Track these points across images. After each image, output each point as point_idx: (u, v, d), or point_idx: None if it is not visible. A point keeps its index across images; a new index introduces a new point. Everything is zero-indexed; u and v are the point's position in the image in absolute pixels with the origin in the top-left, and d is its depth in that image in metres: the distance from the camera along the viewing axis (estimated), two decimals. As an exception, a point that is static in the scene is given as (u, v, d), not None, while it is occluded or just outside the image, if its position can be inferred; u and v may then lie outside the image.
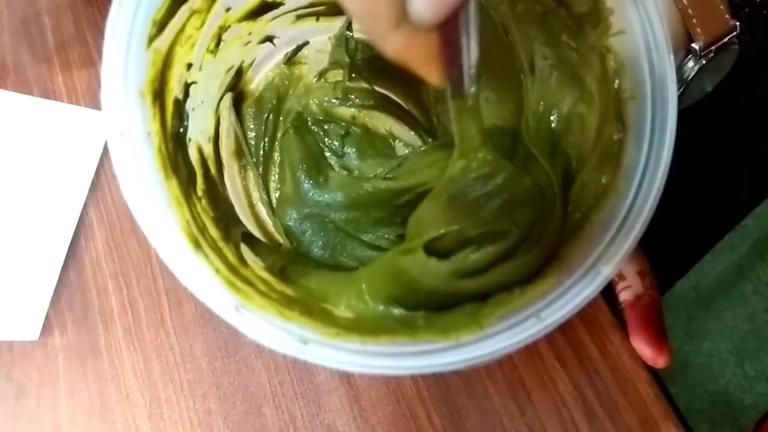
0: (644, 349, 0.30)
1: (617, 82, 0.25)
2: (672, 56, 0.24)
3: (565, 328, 0.32)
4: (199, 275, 0.22)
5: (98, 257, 0.41)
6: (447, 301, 0.24)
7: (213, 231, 0.25)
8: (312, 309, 0.24)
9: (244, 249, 0.27)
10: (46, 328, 0.40)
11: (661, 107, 0.23)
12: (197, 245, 0.23)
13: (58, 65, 0.48)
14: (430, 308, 0.24)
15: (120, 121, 0.23)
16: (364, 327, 0.23)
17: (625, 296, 0.31)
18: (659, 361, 0.30)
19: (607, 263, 0.21)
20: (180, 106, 0.27)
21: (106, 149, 0.44)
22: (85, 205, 0.42)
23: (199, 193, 0.27)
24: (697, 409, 1.03)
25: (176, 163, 0.25)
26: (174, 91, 0.26)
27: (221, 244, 0.25)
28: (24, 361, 0.39)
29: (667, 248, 0.58)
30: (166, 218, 0.23)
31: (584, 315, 0.32)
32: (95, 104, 0.45)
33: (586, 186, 0.25)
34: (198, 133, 0.29)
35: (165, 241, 0.22)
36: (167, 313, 0.38)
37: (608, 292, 0.33)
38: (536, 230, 0.24)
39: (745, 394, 1.06)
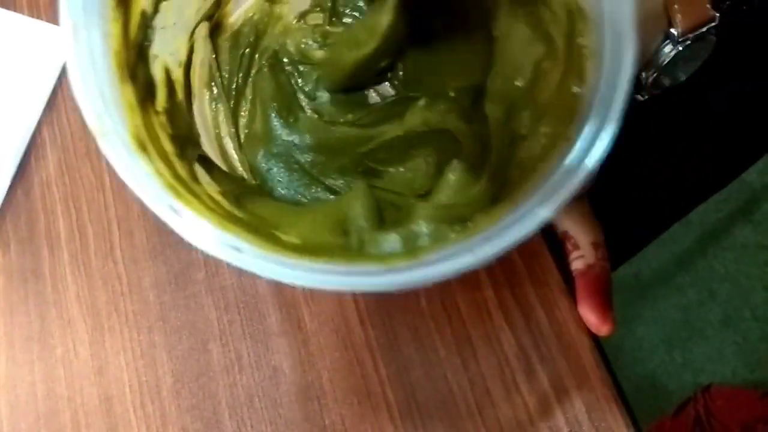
0: (590, 316, 0.31)
1: (582, 38, 0.24)
2: (635, 15, 0.23)
3: (515, 290, 0.33)
4: (139, 177, 0.21)
5: (48, 179, 0.39)
6: None
7: (167, 145, 0.25)
8: (259, 231, 0.24)
9: (200, 171, 0.27)
10: (-12, 246, 0.38)
11: (617, 66, 0.23)
12: (142, 147, 0.22)
13: (19, -24, 0.46)
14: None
15: (77, 12, 0.22)
16: (306, 250, 0.23)
17: (577, 265, 0.32)
18: (603, 329, 0.31)
19: (544, 206, 0.21)
20: (147, 19, 0.26)
21: (65, 68, 0.42)
22: (39, 124, 0.41)
23: (159, 108, 0.26)
24: (623, 391, 1.07)
25: (134, 72, 0.24)
26: (142, 2, 0.26)
27: (173, 158, 0.25)
28: (-39, 279, 0.38)
29: (614, 234, 0.60)
30: (115, 119, 0.22)
31: (535, 279, 0.33)
32: (57, 19, 0.43)
33: (537, 138, 0.25)
34: (167, 54, 0.28)
35: (110, 139, 0.21)
36: (117, 242, 0.37)
37: (561, 260, 0.33)
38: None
39: (670, 380, 1.10)
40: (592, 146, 0.21)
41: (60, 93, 0.41)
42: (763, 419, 0.89)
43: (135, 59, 0.25)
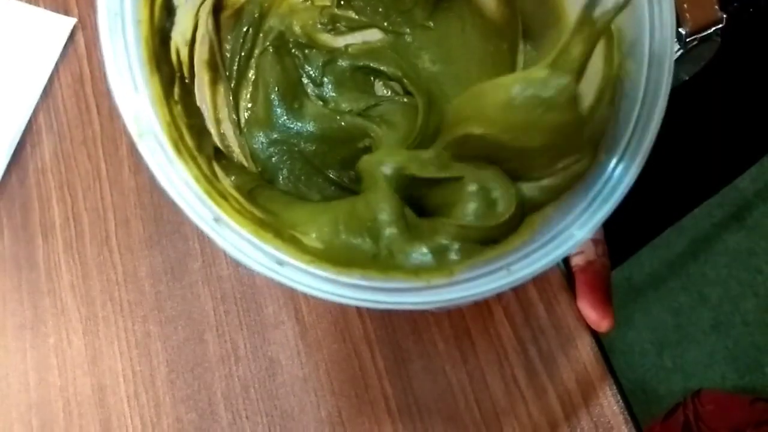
0: (590, 312, 0.31)
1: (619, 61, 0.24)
2: (674, 35, 0.24)
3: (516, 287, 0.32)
4: (178, 182, 0.21)
5: (44, 166, 0.39)
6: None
7: (188, 139, 0.24)
8: (282, 234, 0.23)
9: (216, 167, 0.26)
10: (-19, 233, 0.38)
11: (654, 85, 0.23)
12: (178, 149, 0.22)
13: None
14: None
15: (116, 2, 0.22)
16: (335, 258, 0.23)
17: (577, 261, 0.32)
18: (603, 325, 0.31)
19: (581, 228, 0.22)
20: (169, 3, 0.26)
21: (62, 55, 0.41)
22: (35, 111, 0.40)
23: (176, 97, 0.26)
24: (621, 386, 1.07)
25: (160, 60, 0.24)
26: None
27: (195, 153, 0.24)
28: (-47, 266, 0.37)
29: (608, 238, 0.60)
30: (150, 118, 0.22)
31: (536, 277, 0.32)
32: (56, 6, 0.43)
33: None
34: (178, 34, 0.27)
35: (148, 140, 0.21)
36: (113, 231, 0.37)
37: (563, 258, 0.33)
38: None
39: (660, 384, 1.11)
40: (629, 169, 0.22)
41: (57, 80, 0.41)
42: (753, 424, 0.89)
43: (160, 46, 0.24)
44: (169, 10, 0.26)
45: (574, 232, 0.22)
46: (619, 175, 0.22)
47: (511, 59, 0.30)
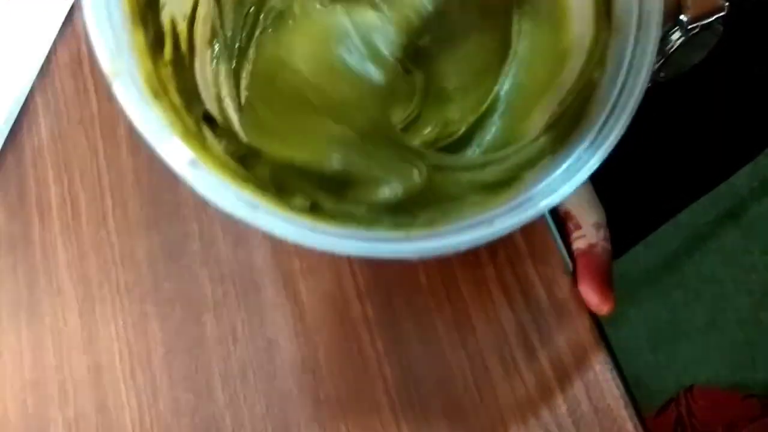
0: (591, 295, 0.31)
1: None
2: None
3: (516, 268, 0.32)
4: (155, 125, 0.21)
5: (40, 146, 0.38)
6: None
7: (174, 97, 0.24)
8: (266, 190, 0.23)
9: (205, 128, 0.26)
10: (-24, 212, 0.37)
11: (642, 45, 0.23)
12: (157, 95, 0.22)
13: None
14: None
15: None
16: (319, 214, 0.23)
17: (579, 245, 0.32)
18: (603, 308, 0.31)
19: (564, 183, 0.22)
20: None
21: (60, 34, 0.41)
22: (32, 90, 0.40)
23: (166, 59, 0.25)
24: (622, 371, 1.08)
25: (145, 18, 0.24)
26: None
27: (182, 111, 0.24)
28: (-53, 244, 0.37)
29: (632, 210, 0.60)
30: (129, 63, 0.21)
31: (536, 258, 0.32)
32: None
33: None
34: (174, 4, 0.27)
35: (124, 80, 0.21)
36: (110, 211, 0.36)
37: (562, 240, 0.33)
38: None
39: (653, 380, 1.11)
40: (611, 129, 0.22)
41: (54, 59, 0.40)
42: (745, 419, 0.90)
43: (145, 5, 0.24)
44: None
45: (558, 186, 0.21)
46: (605, 134, 0.22)
47: (505, 36, 0.30)
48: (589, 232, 0.32)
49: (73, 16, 0.41)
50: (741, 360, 1.08)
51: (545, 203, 0.21)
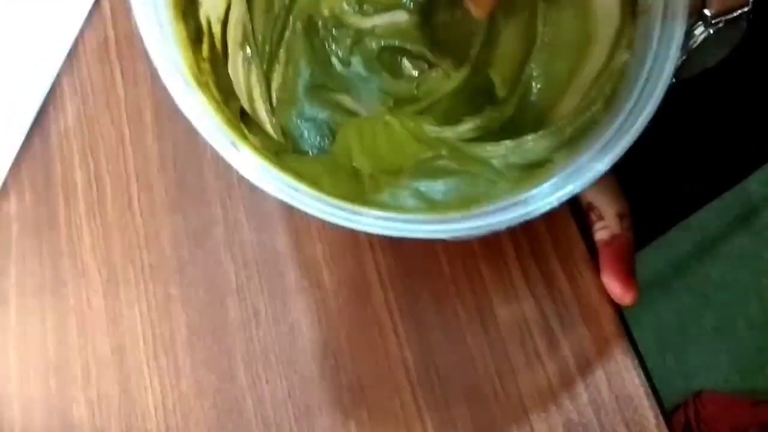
0: (614, 285, 0.31)
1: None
2: None
3: (539, 258, 0.32)
4: (197, 108, 0.21)
5: (67, 129, 0.39)
6: None
7: (214, 91, 0.25)
8: (304, 179, 0.24)
9: (242, 125, 0.27)
10: (3, 193, 0.38)
11: (669, 27, 0.23)
12: (200, 84, 0.22)
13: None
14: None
15: None
16: (354, 199, 0.23)
17: (601, 235, 0.32)
18: (626, 298, 0.31)
19: (600, 161, 0.22)
20: None
21: (87, 19, 0.41)
22: (59, 74, 0.40)
23: (204, 55, 0.26)
24: (644, 361, 1.07)
25: (186, 13, 0.24)
26: None
27: (221, 104, 0.24)
28: (-26, 225, 0.37)
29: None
30: (174, 53, 0.22)
31: (559, 249, 0.32)
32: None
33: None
34: (209, 7, 0.28)
35: (170, 70, 0.21)
36: (135, 195, 0.37)
37: (585, 230, 0.33)
38: None
39: (662, 384, 1.10)
40: (636, 116, 0.22)
41: (81, 43, 0.41)
42: (756, 424, 0.89)
43: (186, 2, 0.25)
44: None
45: (594, 165, 0.22)
46: (631, 122, 0.22)
47: (532, 23, 0.30)
48: (612, 222, 0.32)
49: (100, 1, 0.41)
50: (751, 366, 1.07)
51: (576, 185, 0.21)
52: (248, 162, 0.21)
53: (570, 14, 0.28)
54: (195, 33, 0.26)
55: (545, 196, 0.22)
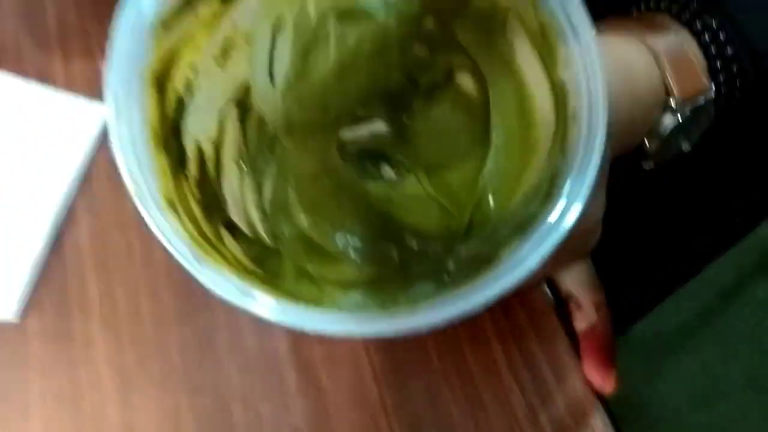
0: (594, 375, 0.32)
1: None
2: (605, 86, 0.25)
3: (523, 349, 0.34)
4: (168, 229, 0.24)
5: (81, 245, 0.42)
6: None
7: (195, 209, 0.27)
8: (272, 283, 0.26)
9: (224, 233, 0.29)
10: (24, 310, 0.40)
11: (593, 132, 0.25)
12: (172, 207, 0.25)
13: (57, 53, 0.49)
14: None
15: (119, 89, 0.25)
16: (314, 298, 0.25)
17: (580, 325, 0.33)
18: (606, 387, 0.32)
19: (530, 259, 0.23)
20: (181, 101, 0.29)
21: (100, 139, 0.45)
22: (73, 192, 0.44)
23: (189, 177, 0.29)
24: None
25: (168, 144, 0.27)
26: (177, 86, 0.28)
27: (201, 221, 0.27)
28: (-2, 341, 0.40)
29: (630, 289, 0.60)
30: (150, 182, 0.24)
31: (542, 338, 0.34)
32: (91, 94, 0.47)
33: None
34: (199, 131, 0.30)
35: (144, 197, 0.24)
36: (144, 306, 0.39)
37: (567, 321, 0.35)
38: None
39: (695, 441, 1.08)
40: (570, 207, 0.23)
41: (93, 164, 0.44)
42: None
43: (169, 134, 0.28)
44: (180, 109, 0.29)
45: (527, 262, 0.23)
46: (561, 213, 0.24)
47: (487, 129, 0.32)
48: (589, 311, 0.33)
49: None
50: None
51: (514, 277, 0.23)
52: (209, 275, 0.24)
53: (516, 123, 0.31)
54: (177, 159, 0.28)
55: (486, 291, 0.23)
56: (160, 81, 0.27)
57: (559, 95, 0.26)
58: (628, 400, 1.08)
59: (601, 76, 0.24)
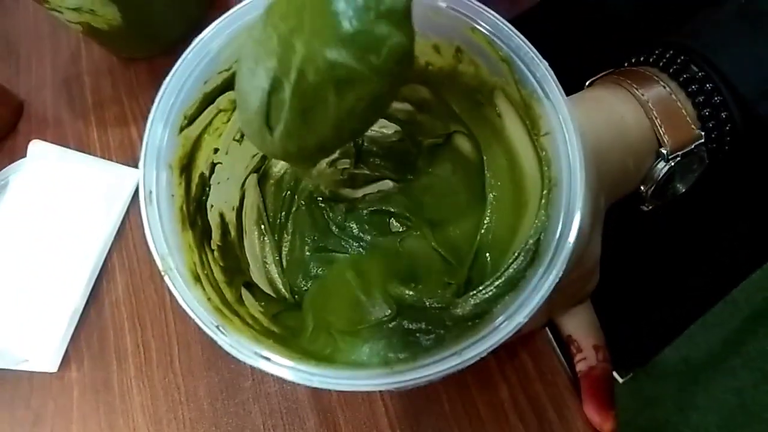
0: (593, 415, 0.34)
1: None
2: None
3: (528, 391, 0.36)
4: (193, 301, 0.27)
5: (117, 299, 0.45)
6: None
7: (218, 275, 0.30)
8: (287, 341, 0.29)
9: (245, 294, 0.32)
10: (65, 361, 0.44)
11: (573, 193, 0.26)
12: (197, 279, 0.28)
13: (94, 122, 0.54)
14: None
15: (151, 184, 0.28)
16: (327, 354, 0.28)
17: (580, 367, 0.35)
18: (605, 428, 0.34)
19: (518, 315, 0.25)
20: (205, 179, 0.32)
21: (132, 201, 0.49)
22: (110, 250, 0.47)
23: (213, 246, 0.32)
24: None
25: (194, 221, 0.30)
26: (201, 167, 0.32)
27: (223, 286, 0.30)
28: (42, 392, 0.43)
29: (656, 316, 0.61)
30: (177, 258, 0.27)
31: (545, 380, 0.36)
32: (126, 160, 0.51)
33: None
34: (222, 202, 0.34)
35: (172, 273, 0.27)
36: (176, 355, 0.42)
37: (569, 363, 0.37)
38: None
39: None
40: (547, 273, 0.26)
41: (128, 223, 0.48)
42: None
43: (194, 211, 0.31)
44: (204, 187, 0.32)
45: (515, 317, 0.25)
46: (542, 276, 0.25)
47: (483, 185, 0.35)
48: (589, 354, 0.35)
49: (142, 187, 0.48)
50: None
51: (505, 331, 0.25)
52: (228, 341, 0.26)
53: (508, 183, 0.33)
54: (202, 233, 0.31)
55: (480, 346, 0.25)
56: (186, 166, 0.30)
57: (543, 161, 0.29)
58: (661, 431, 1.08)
59: (578, 146, 0.27)
